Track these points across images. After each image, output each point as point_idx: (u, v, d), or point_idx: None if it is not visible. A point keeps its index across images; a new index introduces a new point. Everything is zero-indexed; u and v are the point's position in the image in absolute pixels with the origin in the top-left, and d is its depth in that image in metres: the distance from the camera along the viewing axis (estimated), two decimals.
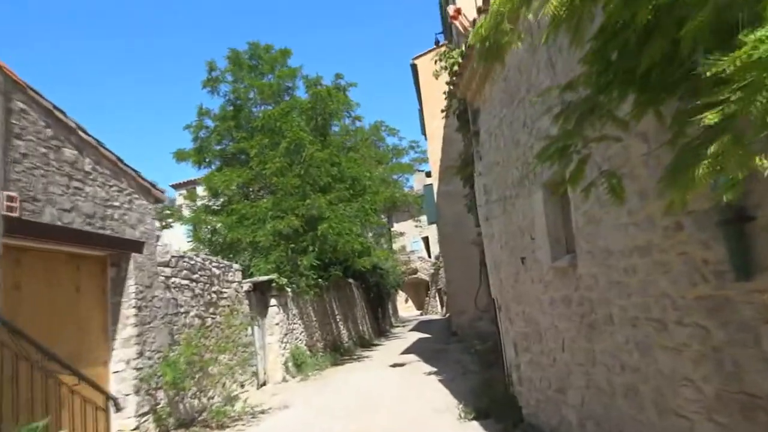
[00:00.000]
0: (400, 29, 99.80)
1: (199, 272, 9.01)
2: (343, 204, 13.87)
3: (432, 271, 35.70)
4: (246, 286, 10.92)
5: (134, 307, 7.17)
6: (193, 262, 8.83)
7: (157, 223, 21.59)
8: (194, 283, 8.76)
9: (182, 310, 8.26)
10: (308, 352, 13.05)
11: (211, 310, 9.27)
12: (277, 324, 11.88)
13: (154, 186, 7.95)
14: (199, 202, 15.86)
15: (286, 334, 12.18)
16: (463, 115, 8.34)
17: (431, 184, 20.56)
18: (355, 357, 15.15)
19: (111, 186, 7.09)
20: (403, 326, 27.62)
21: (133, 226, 7.40)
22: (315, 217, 12.99)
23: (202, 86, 14.01)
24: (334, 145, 14.65)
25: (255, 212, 13.18)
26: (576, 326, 4.44)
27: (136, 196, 7.58)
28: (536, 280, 5.39)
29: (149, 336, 7.38)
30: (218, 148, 14.71)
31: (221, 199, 14.95)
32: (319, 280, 14.58)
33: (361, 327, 19.10)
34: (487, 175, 7.01)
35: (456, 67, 7.51)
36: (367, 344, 18.23)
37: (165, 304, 7.84)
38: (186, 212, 16.70)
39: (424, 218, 33.92)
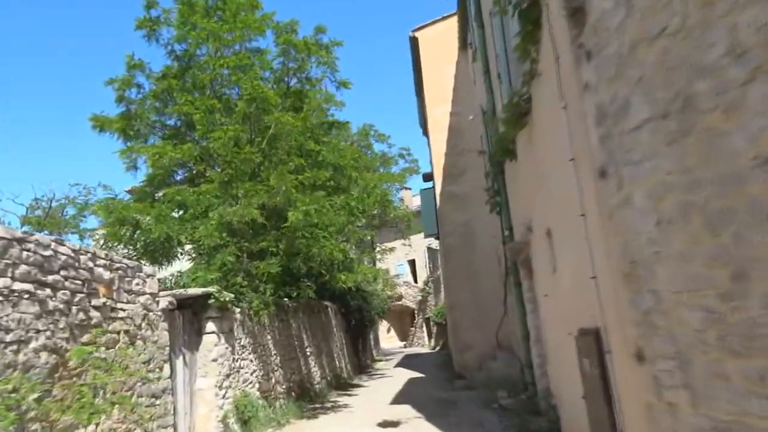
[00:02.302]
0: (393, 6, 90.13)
1: (63, 272, 5.20)
2: (322, 195, 10.17)
3: (419, 297, 31.93)
4: (164, 302, 7.09)
5: None
6: (48, 254, 5.03)
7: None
8: (47, 291, 4.95)
9: (10, 338, 4.44)
10: (262, 401, 9.16)
11: (86, 337, 5.44)
12: (214, 360, 8.02)
13: None
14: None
15: (228, 375, 8.32)
16: (530, 10, 4.80)
17: (431, 188, 17.02)
18: (329, 405, 11.26)
19: None
20: (387, 360, 23.68)
21: None
22: (280, 208, 9.27)
23: (136, 27, 10.29)
24: (313, 122, 11.02)
25: (197, 200, 9.42)
26: None
27: None
28: None
29: None
30: (156, 119, 10.97)
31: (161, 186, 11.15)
32: (285, 299, 10.81)
33: (338, 363, 15.20)
34: (617, 80, 3.42)
35: None
36: (344, 385, 14.32)
37: None
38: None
39: (414, 238, 30.25)
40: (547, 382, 7.76)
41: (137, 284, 6.62)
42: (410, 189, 39.53)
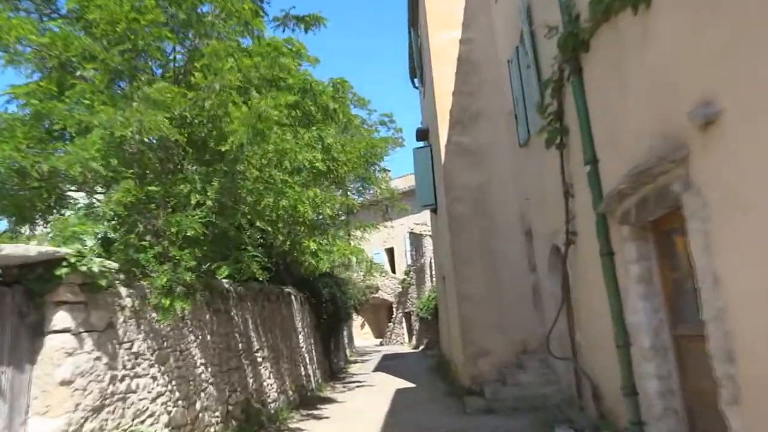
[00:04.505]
0: None
1: None
2: (287, 127, 6.51)
3: (399, 289, 28.40)
4: None
5: None
6: None
7: None
8: None
9: None
10: None
11: None
12: (67, 382, 4.27)
13: None
14: None
15: (99, 408, 4.59)
16: None
17: (426, 147, 13.47)
18: None
19: None
20: (363, 362, 20.09)
21: None
22: (211, 125, 5.56)
23: None
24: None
25: (69, 111, 5.62)
26: None
27: None
28: None
29: None
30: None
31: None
32: (224, 279, 7.15)
33: (303, 369, 11.49)
34: None
35: None
36: (311, 401, 10.68)
37: None
38: None
39: (400, 221, 26.50)
40: (677, 426, 4.30)
41: None
42: (389, 171, 35.97)
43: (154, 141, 5.85)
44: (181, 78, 6.51)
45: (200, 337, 6.58)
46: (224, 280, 7.34)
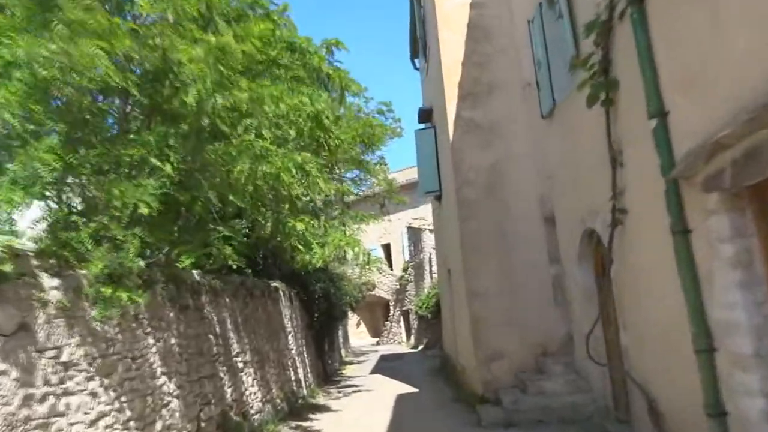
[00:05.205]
0: None
1: None
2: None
3: (396, 286, 27.19)
4: None
5: None
6: None
7: None
8: None
9: None
10: None
11: None
12: None
13: None
14: None
15: None
16: None
17: (430, 128, 12.26)
18: None
19: None
20: (359, 363, 18.89)
21: None
22: (170, 67, 4.34)
23: None
24: None
25: None
26: None
27: None
28: None
29: None
30: None
31: None
32: (193, 272, 5.94)
33: (293, 374, 10.25)
34: None
35: None
36: (302, 410, 9.46)
37: None
38: None
39: (398, 216, 25.22)
40: None
41: None
42: (387, 165, 34.72)
43: (101, 97, 4.63)
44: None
45: (161, 340, 5.35)
46: (195, 272, 6.12)
